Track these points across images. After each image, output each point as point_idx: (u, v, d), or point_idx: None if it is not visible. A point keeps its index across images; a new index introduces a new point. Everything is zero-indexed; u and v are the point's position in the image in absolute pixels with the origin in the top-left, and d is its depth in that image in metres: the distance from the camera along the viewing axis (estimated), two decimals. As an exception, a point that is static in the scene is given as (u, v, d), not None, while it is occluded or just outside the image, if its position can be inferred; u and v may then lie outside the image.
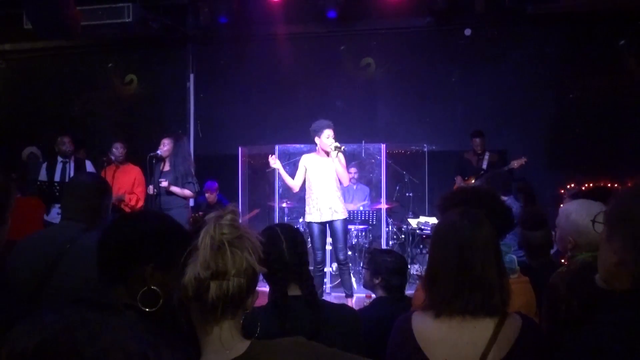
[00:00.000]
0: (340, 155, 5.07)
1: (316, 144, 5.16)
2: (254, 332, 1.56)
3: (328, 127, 5.05)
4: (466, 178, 6.68)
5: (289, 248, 1.83)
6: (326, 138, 5.02)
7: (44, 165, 6.08)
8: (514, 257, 2.00)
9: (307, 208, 5.23)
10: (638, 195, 1.14)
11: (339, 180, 5.17)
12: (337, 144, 5.00)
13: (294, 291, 1.82)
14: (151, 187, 5.66)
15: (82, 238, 2.09)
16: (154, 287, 1.29)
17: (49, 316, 1.22)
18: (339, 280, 6.39)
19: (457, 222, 1.56)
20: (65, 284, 1.96)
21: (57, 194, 5.51)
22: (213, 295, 1.16)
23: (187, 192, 5.71)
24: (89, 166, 6.15)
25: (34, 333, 1.18)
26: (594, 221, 1.36)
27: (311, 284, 1.87)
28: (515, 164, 6.27)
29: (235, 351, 1.19)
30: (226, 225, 1.18)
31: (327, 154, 5.09)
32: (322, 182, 5.13)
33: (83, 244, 2.04)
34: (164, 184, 5.58)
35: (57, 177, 5.92)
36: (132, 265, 1.30)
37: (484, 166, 6.62)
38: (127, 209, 5.82)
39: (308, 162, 5.22)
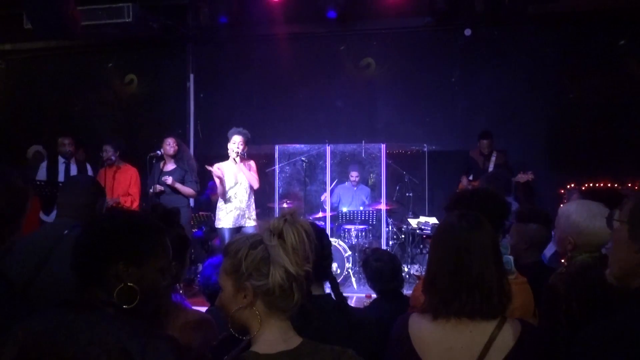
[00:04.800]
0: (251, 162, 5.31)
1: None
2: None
3: (237, 133, 5.26)
4: (471, 179, 6.64)
5: (316, 247, 1.81)
6: (232, 144, 5.24)
7: (44, 165, 6.09)
8: (511, 258, 1.99)
9: (219, 214, 5.36)
10: None
11: (250, 185, 5.35)
12: (237, 150, 5.22)
13: (317, 290, 1.82)
14: (153, 187, 5.67)
15: (72, 234, 2.11)
16: (131, 284, 1.29)
17: (30, 321, 1.26)
18: (339, 280, 6.40)
19: (455, 224, 1.56)
20: (53, 278, 1.99)
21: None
22: (297, 292, 1.27)
23: (190, 190, 5.80)
24: (89, 170, 6.17)
25: (15, 341, 1.21)
26: (609, 219, 1.35)
27: (337, 285, 1.88)
28: (521, 178, 6.16)
29: (288, 344, 1.26)
30: (303, 223, 1.28)
31: (242, 160, 5.30)
32: (237, 189, 5.30)
33: (73, 238, 2.06)
34: (169, 180, 5.61)
35: (60, 178, 5.93)
36: (104, 264, 1.31)
37: (491, 168, 6.53)
38: (122, 211, 5.82)
39: (222, 169, 5.33)
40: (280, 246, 1.26)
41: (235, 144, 5.24)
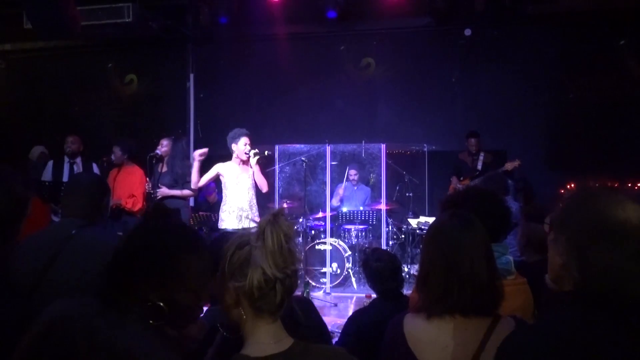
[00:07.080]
0: (254, 161, 5.15)
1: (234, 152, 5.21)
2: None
3: (246, 135, 5.17)
4: (462, 179, 6.68)
5: None
6: (243, 145, 5.14)
7: (50, 164, 6.09)
8: (511, 258, 1.99)
9: (222, 215, 5.27)
10: (580, 202, 1.17)
11: (256, 187, 5.25)
12: (255, 150, 5.12)
13: None
14: (149, 184, 5.67)
15: (80, 233, 2.11)
16: (159, 303, 1.25)
17: (56, 306, 1.24)
18: (339, 280, 6.41)
19: (446, 223, 1.58)
20: (61, 277, 1.99)
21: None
22: (280, 294, 1.23)
23: (186, 192, 5.74)
24: (95, 169, 6.16)
25: (40, 322, 1.21)
26: (544, 222, 1.38)
27: None
28: (509, 166, 6.22)
29: (279, 346, 1.25)
30: (284, 225, 1.25)
31: (243, 162, 5.19)
32: (239, 189, 5.19)
33: (81, 239, 2.09)
34: (162, 191, 5.58)
35: (65, 178, 5.92)
36: (133, 283, 1.26)
37: (479, 167, 6.62)
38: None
39: (224, 169, 5.24)
40: (261, 247, 1.24)
41: (247, 145, 5.15)
